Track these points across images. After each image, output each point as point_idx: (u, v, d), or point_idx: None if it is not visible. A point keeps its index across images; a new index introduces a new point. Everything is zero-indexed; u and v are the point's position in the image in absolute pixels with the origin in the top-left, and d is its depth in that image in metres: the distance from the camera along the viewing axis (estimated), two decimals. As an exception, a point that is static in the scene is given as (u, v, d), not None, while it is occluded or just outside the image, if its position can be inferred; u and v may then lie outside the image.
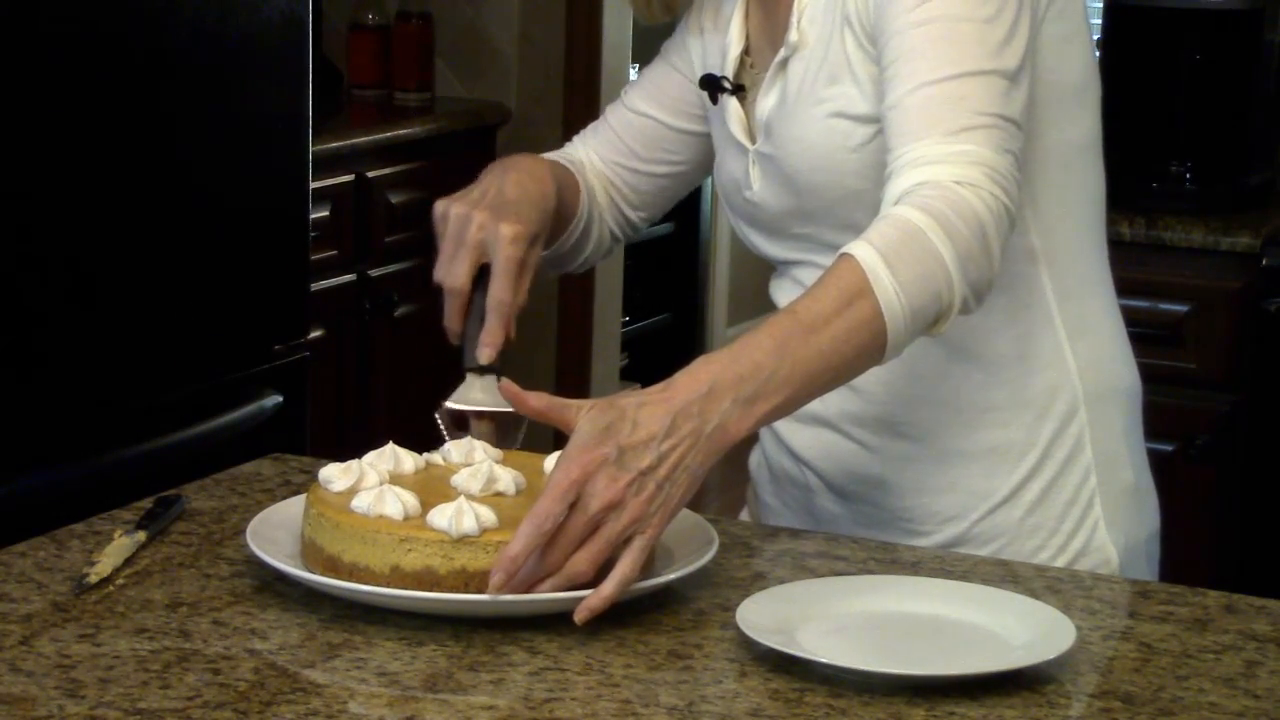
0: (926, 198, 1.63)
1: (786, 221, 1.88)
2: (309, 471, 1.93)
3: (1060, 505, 1.86)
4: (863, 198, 1.79)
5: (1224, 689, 1.53)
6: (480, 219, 1.83)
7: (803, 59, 1.84)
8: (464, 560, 1.57)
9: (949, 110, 1.67)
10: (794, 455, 1.93)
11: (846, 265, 1.61)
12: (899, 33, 1.72)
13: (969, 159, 1.65)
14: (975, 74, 1.68)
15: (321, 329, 3.86)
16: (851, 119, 1.80)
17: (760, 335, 1.59)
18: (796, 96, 1.84)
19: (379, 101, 4.43)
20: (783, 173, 1.86)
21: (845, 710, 1.46)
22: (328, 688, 1.47)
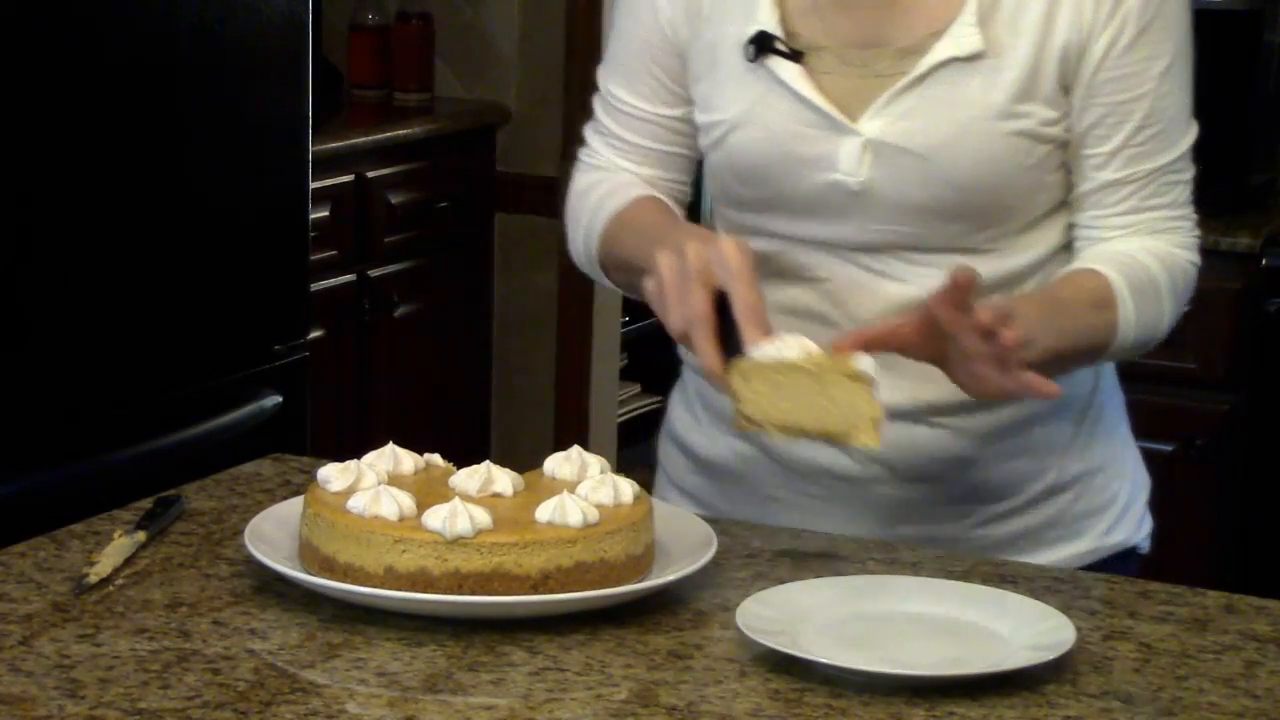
0: (1168, 260, 1.87)
1: (898, 214, 1.85)
2: (308, 472, 1.93)
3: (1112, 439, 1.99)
4: (1019, 201, 1.86)
5: (1224, 689, 1.52)
6: (694, 249, 1.74)
7: (977, 66, 1.82)
8: (458, 562, 1.57)
9: (1181, 188, 1.89)
10: (855, 450, 1.86)
11: (1099, 279, 1.83)
12: (1145, 94, 1.85)
13: (1194, 234, 1.90)
14: (1191, 144, 1.89)
15: (321, 329, 3.85)
16: (1035, 139, 1.84)
17: (1027, 304, 1.78)
18: (963, 102, 1.82)
19: (379, 102, 4.43)
20: (929, 172, 1.83)
21: (845, 710, 1.46)
22: (327, 688, 1.47)
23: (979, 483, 1.91)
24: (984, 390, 1.71)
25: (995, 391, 1.70)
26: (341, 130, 4.08)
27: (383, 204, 4.15)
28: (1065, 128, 1.85)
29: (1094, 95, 1.84)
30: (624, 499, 1.66)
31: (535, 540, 1.59)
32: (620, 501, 1.66)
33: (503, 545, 1.58)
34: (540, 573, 1.58)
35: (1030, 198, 1.86)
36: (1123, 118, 1.85)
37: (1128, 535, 1.99)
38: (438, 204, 4.29)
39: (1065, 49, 1.83)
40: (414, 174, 4.22)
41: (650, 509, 1.67)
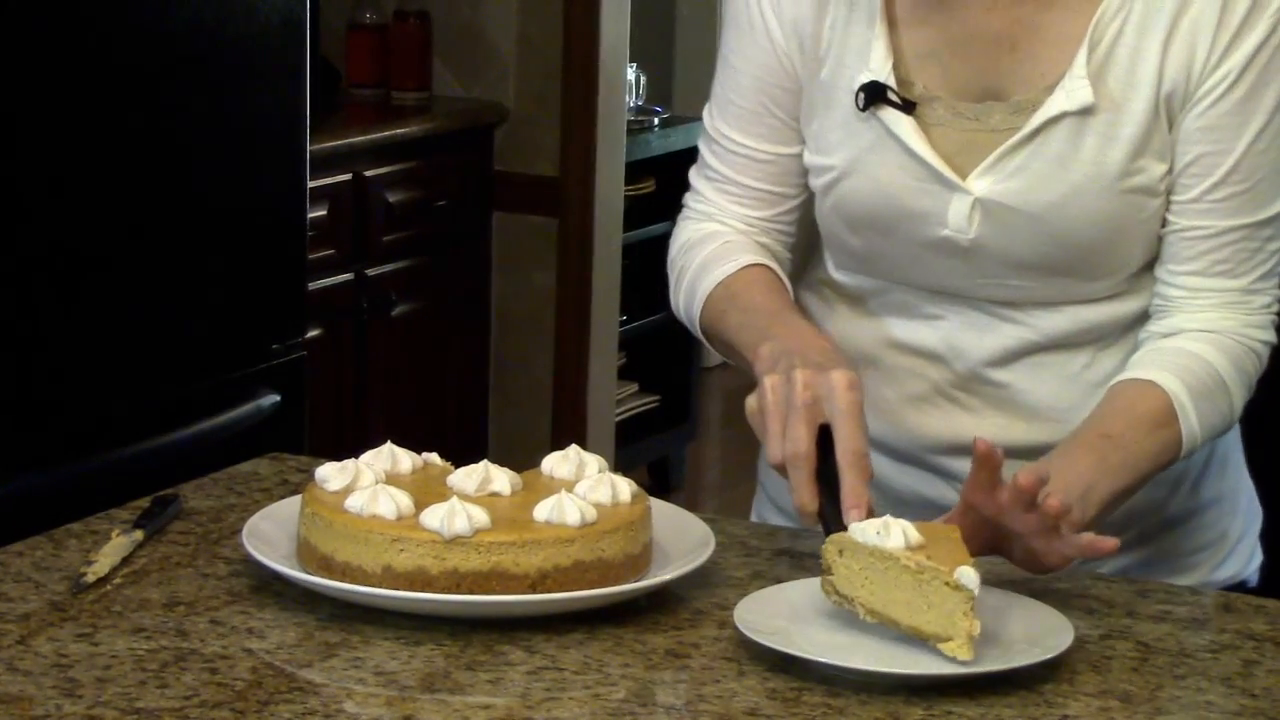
0: (1235, 352, 1.81)
1: (1008, 270, 1.82)
2: (306, 471, 1.93)
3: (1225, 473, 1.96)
4: (1130, 254, 1.82)
5: (1221, 688, 1.52)
6: (804, 377, 1.69)
7: (1092, 123, 1.77)
8: (456, 561, 1.57)
9: (1263, 257, 1.82)
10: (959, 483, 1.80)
11: (1156, 394, 1.77)
12: (1233, 150, 1.78)
13: (1271, 310, 1.83)
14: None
15: (319, 328, 3.85)
16: (1150, 194, 1.80)
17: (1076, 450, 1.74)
18: (1077, 161, 1.78)
19: (376, 101, 4.43)
20: (1041, 231, 1.79)
21: (843, 710, 1.46)
22: (325, 687, 1.47)
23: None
24: (1044, 566, 1.66)
25: (1056, 564, 1.65)
26: (339, 129, 4.08)
27: (380, 203, 4.14)
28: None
29: (1184, 141, 1.78)
30: (622, 498, 1.66)
31: (533, 539, 1.59)
32: (618, 501, 1.65)
33: (501, 545, 1.58)
34: (538, 572, 1.58)
35: (1144, 247, 1.82)
36: (1206, 170, 1.79)
37: (1237, 570, 1.96)
38: (435, 203, 4.29)
39: (1171, 96, 1.77)
40: (412, 173, 4.22)
41: (648, 508, 1.67)
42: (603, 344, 4.65)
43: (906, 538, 1.56)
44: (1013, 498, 1.62)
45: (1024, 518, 1.62)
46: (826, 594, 1.58)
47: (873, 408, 1.87)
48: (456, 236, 4.41)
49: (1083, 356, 1.86)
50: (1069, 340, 1.85)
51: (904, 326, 1.88)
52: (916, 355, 1.88)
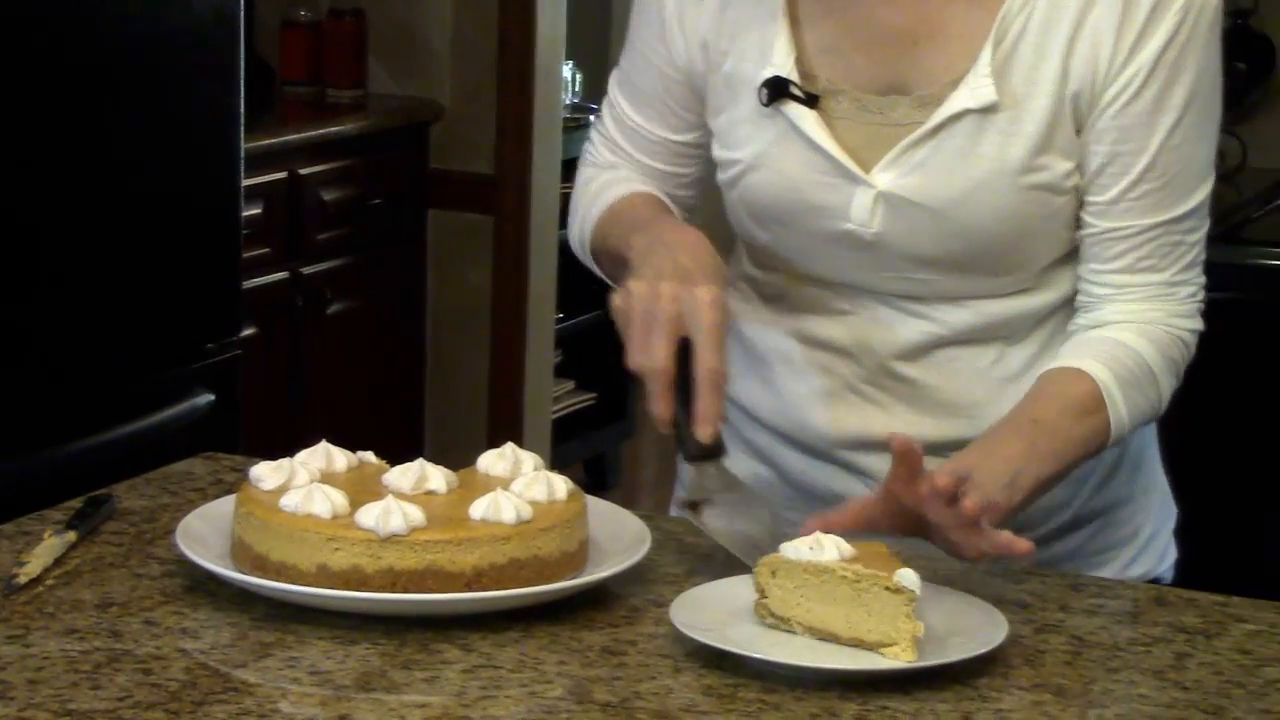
0: (1162, 341, 1.83)
1: (912, 264, 1.83)
2: (241, 470, 1.92)
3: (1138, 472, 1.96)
4: (1035, 251, 1.83)
5: (1154, 681, 1.53)
6: (670, 290, 1.71)
7: (994, 120, 1.78)
8: (391, 559, 1.57)
9: (1184, 249, 1.83)
10: (873, 480, 1.85)
11: (1084, 382, 1.78)
12: (1147, 148, 1.79)
13: (1196, 299, 1.85)
14: (1204, 200, 1.83)
15: (254, 327, 3.83)
16: (1053, 190, 1.81)
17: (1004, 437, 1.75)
18: (979, 157, 1.79)
19: (311, 98, 4.41)
20: (943, 226, 1.80)
21: (778, 705, 1.46)
22: (259, 687, 1.47)
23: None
24: (963, 557, 1.67)
25: (974, 557, 1.66)
26: (274, 127, 4.06)
27: (315, 201, 4.13)
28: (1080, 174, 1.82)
29: (1097, 141, 1.80)
30: (558, 496, 1.66)
31: (469, 538, 1.58)
32: (554, 498, 1.65)
33: (436, 543, 1.58)
34: (474, 570, 1.58)
35: (1047, 245, 1.84)
36: (1123, 168, 1.80)
37: (1149, 568, 1.96)
38: (371, 201, 4.27)
39: (1078, 96, 1.78)
40: (347, 171, 4.20)
41: (584, 506, 1.67)
42: (539, 341, 4.65)
43: (840, 551, 1.56)
44: (932, 494, 1.63)
45: (944, 511, 1.64)
46: (761, 618, 1.58)
47: (785, 402, 1.91)
48: (392, 234, 4.40)
49: (991, 352, 1.87)
50: (976, 335, 1.86)
51: (814, 321, 1.89)
52: (826, 350, 1.89)
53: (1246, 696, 1.51)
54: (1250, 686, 1.53)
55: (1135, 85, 1.78)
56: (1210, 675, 1.55)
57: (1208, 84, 1.82)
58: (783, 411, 1.92)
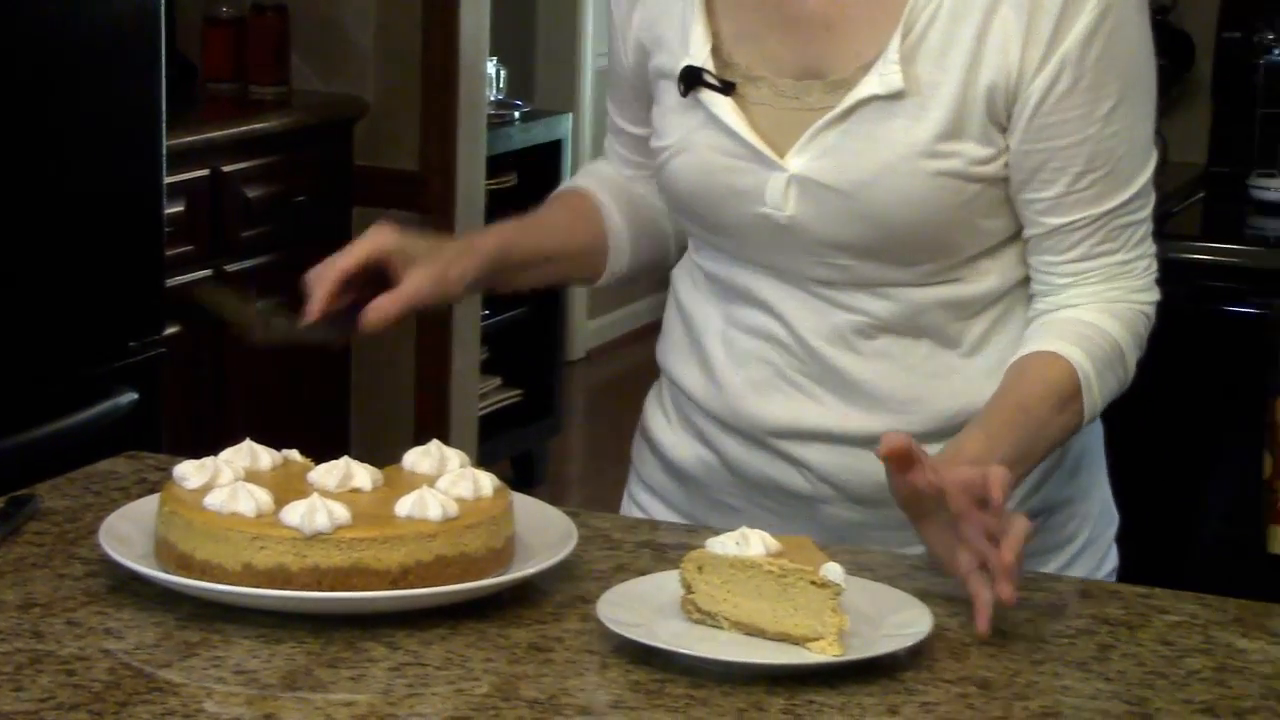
0: (1127, 317, 1.86)
1: (828, 249, 1.84)
2: (164, 469, 1.91)
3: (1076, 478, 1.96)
4: (951, 240, 1.84)
5: (1078, 673, 1.55)
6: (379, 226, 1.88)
7: (901, 104, 1.79)
8: (317, 558, 1.56)
9: (1135, 226, 1.86)
10: (807, 469, 1.89)
11: (1063, 367, 1.80)
12: (1088, 139, 1.80)
13: (1151, 272, 1.88)
14: (1150, 178, 1.86)
15: (177, 325, 3.81)
16: (964, 178, 1.81)
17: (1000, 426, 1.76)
18: (886, 141, 1.80)
19: (234, 95, 4.39)
20: (854, 210, 1.81)
21: (706, 700, 1.46)
22: (184, 687, 1.46)
23: None
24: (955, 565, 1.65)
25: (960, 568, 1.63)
26: (196, 124, 4.04)
27: (239, 198, 4.11)
28: (1003, 164, 1.82)
29: (1033, 140, 1.80)
30: (484, 492, 1.66)
31: (395, 535, 1.58)
32: (480, 495, 1.65)
33: (362, 540, 1.57)
34: (400, 567, 1.58)
35: (968, 233, 1.84)
36: (1065, 163, 1.81)
37: (1086, 574, 1.95)
38: (295, 198, 4.26)
39: (992, 89, 1.79)
40: (270, 168, 4.18)
41: (510, 502, 1.67)
42: (465, 338, 4.64)
43: (766, 545, 1.57)
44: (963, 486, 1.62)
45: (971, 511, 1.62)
46: (688, 614, 1.58)
47: (722, 389, 1.92)
48: (317, 232, 4.37)
49: (922, 347, 1.87)
50: (902, 327, 1.86)
51: (747, 310, 1.91)
52: (760, 338, 1.90)
53: (1169, 687, 1.53)
54: (1172, 677, 1.54)
55: (1067, 79, 1.79)
56: (1133, 666, 1.56)
57: (1142, 64, 1.84)
58: (719, 398, 1.93)
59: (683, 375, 1.97)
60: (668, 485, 2.01)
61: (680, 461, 1.98)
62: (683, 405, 1.97)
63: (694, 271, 1.98)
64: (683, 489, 1.99)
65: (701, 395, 1.95)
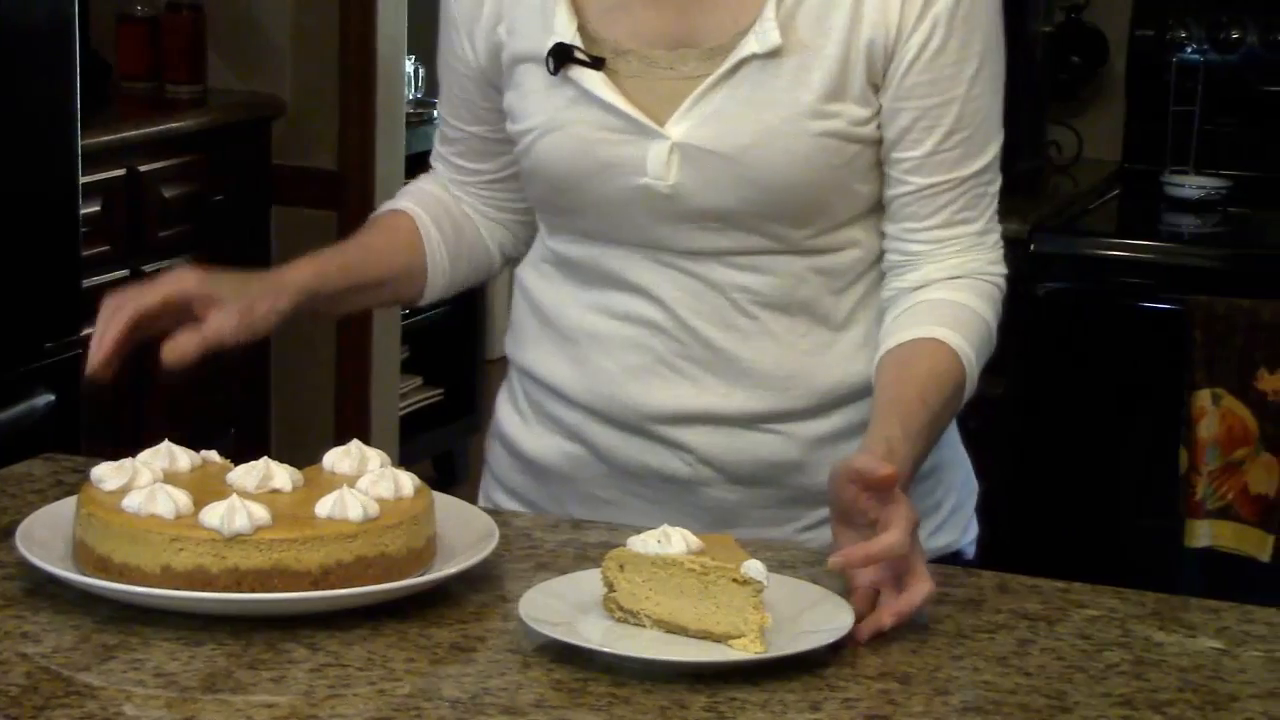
0: (989, 293, 1.89)
1: (711, 216, 1.84)
2: (82, 471, 1.89)
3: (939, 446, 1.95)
4: (830, 203, 1.85)
5: (998, 667, 1.56)
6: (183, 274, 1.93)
7: (783, 65, 1.81)
8: (236, 559, 1.55)
9: (988, 199, 1.90)
10: (686, 453, 1.89)
11: (954, 359, 1.82)
12: (955, 99, 1.85)
13: (1000, 246, 1.92)
14: (999, 151, 1.90)
15: (94, 325, 3.78)
16: (846, 139, 1.83)
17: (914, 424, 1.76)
18: (770, 103, 1.81)
19: (149, 94, 4.36)
20: (738, 174, 1.82)
21: (628, 699, 1.46)
22: (103, 690, 1.45)
23: (808, 487, 1.89)
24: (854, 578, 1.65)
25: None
26: (111, 123, 4.01)
27: (156, 198, 4.08)
28: (876, 126, 1.85)
29: (905, 98, 1.83)
30: (404, 492, 1.65)
31: (315, 536, 1.57)
32: (401, 495, 1.65)
33: (282, 541, 1.57)
34: (320, 568, 1.57)
35: (844, 196, 1.86)
36: (934, 122, 1.84)
37: (951, 540, 1.99)
38: (213, 197, 4.23)
39: (871, 47, 1.82)
40: (188, 167, 4.16)
41: (431, 502, 1.67)
42: (385, 338, 4.63)
43: (687, 543, 1.57)
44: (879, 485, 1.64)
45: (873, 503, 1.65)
46: (610, 612, 1.58)
47: (594, 379, 1.92)
48: (235, 231, 4.36)
49: (800, 325, 1.88)
50: (781, 302, 1.87)
51: (619, 296, 1.90)
52: (634, 324, 1.89)
53: (1087, 680, 1.54)
54: (1091, 671, 1.56)
55: (939, 36, 1.83)
56: (1052, 660, 1.57)
57: (997, 37, 1.89)
58: (592, 388, 1.92)
59: (542, 369, 1.96)
60: (527, 484, 2.00)
61: (540, 458, 1.98)
62: (542, 400, 1.97)
63: (547, 263, 1.96)
64: (544, 486, 1.98)
65: (569, 387, 1.94)
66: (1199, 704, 1.50)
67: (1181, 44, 4.13)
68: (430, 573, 1.62)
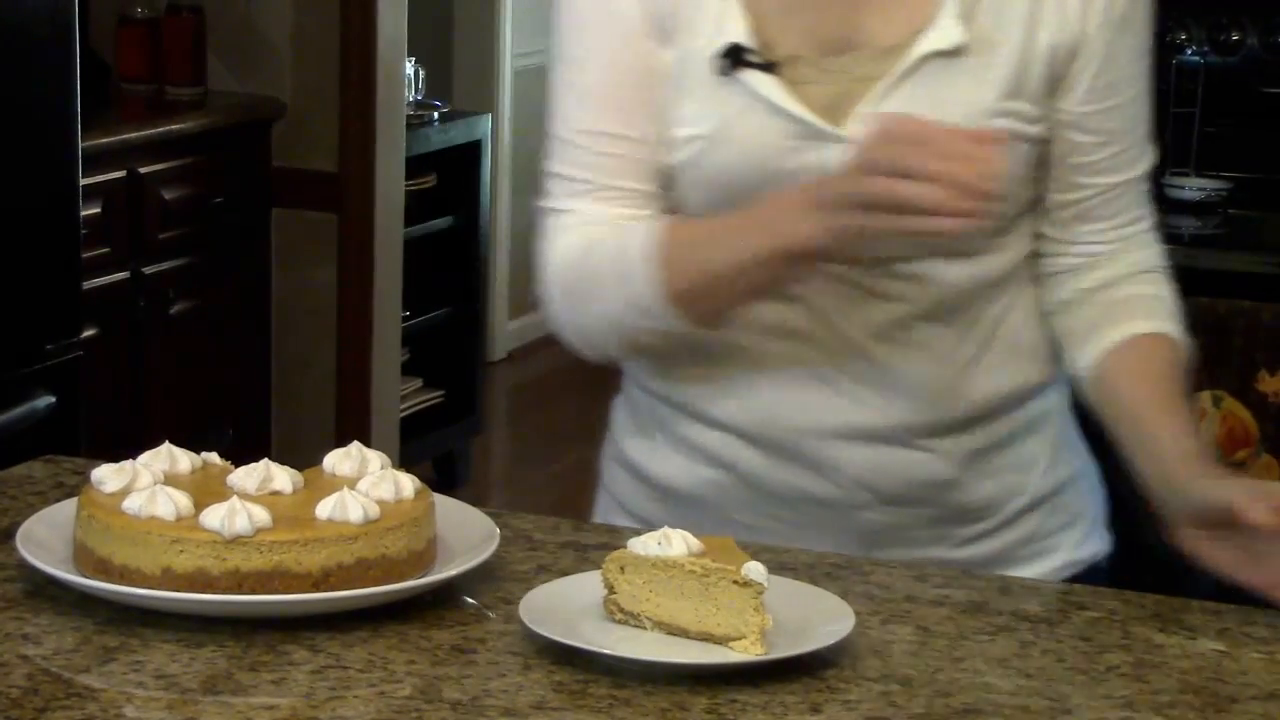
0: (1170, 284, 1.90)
1: None
2: (82, 473, 1.89)
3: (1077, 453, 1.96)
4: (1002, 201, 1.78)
5: (998, 669, 1.56)
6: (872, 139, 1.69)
7: (964, 63, 1.77)
8: (237, 561, 1.55)
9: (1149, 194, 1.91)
10: (839, 473, 1.84)
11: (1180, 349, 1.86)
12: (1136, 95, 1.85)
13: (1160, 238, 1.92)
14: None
15: (95, 327, 3.79)
16: (1020, 138, 1.80)
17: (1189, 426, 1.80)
18: (951, 101, 1.75)
19: (150, 96, 4.36)
20: None
21: (629, 700, 1.46)
22: (104, 692, 1.45)
23: (960, 504, 1.87)
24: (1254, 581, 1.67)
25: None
26: (112, 125, 4.01)
27: (156, 200, 4.09)
28: (1046, 128, 1.81)
29: (1093, 100, 1.80)
30: (405, 494, 1.65)
31: (315, 538, 1.57)
32: (401, 497, 1.65)
33: (283, 543, 1.57)
34: (321, 570, 1.57)
35: (1009, 199, 1.80)
36: (1120, 122, 1.84)
37: (1097, 549, 1.95)
38: (213, 200, 4.24)
39: (1054, 49, 1.78)
40: (188, 169, 4.16)
41: (432, 504, 1.67)
42: (385, 340, 4.63)
43: (688, 545, 1.57)
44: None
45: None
46: (610, 614, 1.58)
47: (744, 398, 1.85)
48: (235, 233, 4.36)
49: (952, 334, 1.83)
50: (936, 312, 1.82)
51: (773, 309, 1.82)
52: (786, 337, 1.83)
53: (1088, 683, 1.54)
54: (1091, 673, 1.56)
55: (1123, 36, 1.81)
56: (1053, 662, 1.57)
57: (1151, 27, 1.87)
58: (743, 408, 1.86)
59: (687, 394, 1.88)
60: (658, 510, 1.91)
61: (674, 484, 1.91)
62: (675, 423, 1.90)
63: None
64: (677, 511, 1.88)
65: (718, 410, 1.86)
66: (1200, 706, 1.50)
67: (1182, 46, 4.14)
68: (431, 575, 1.62)
